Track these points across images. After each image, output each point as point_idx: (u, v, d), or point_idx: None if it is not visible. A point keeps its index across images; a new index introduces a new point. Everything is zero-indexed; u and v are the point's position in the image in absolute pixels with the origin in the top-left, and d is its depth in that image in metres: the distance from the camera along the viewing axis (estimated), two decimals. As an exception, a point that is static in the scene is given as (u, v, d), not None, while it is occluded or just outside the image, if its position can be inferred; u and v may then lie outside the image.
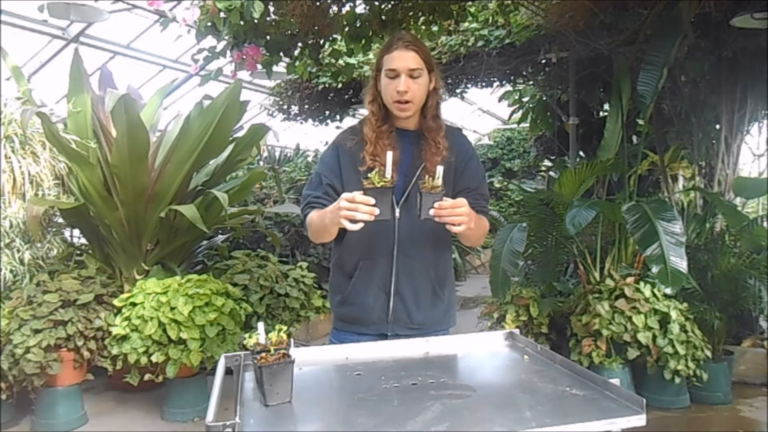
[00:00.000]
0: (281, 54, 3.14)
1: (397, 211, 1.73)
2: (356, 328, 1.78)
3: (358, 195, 1.47)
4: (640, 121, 4.61)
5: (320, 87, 6.38)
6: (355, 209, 1.46)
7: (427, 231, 1.76)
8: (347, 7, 3.22)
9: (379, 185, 1.48)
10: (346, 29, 3.23)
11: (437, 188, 1.49)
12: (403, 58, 1.66)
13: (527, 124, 6.64)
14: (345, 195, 1.49)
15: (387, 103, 1.72)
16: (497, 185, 10.56)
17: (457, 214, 1.51)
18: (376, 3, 3.25)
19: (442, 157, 1.72)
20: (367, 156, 1.70)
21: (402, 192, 1.73)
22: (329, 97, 6.83)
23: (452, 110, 10.42)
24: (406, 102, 1.68)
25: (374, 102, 1.74)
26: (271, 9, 2.83)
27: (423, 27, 3.47)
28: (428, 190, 1.49)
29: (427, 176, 1.55)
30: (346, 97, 6.92)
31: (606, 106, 5.46)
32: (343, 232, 1.69)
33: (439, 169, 1.50)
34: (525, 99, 6.33)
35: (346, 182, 1.73)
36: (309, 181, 1.83)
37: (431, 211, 1.49)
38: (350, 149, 1.75)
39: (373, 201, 1.46)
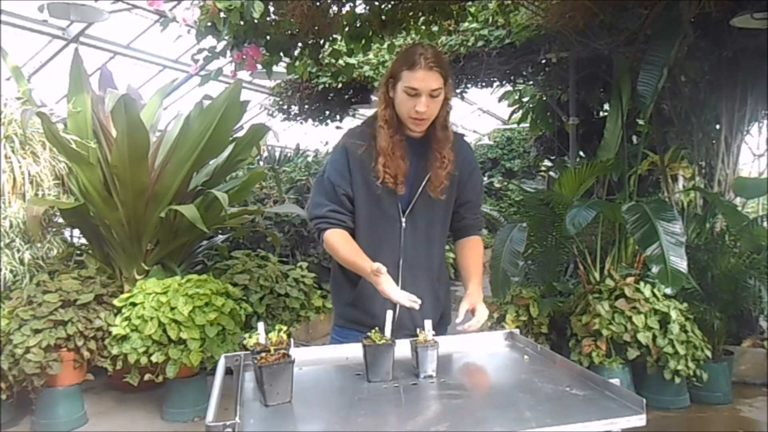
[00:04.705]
0: (281, 54, 3.14)
1: (403, 221, 1.74)
2: (359, 328, 1.79)
3: None
4: (640, 121, 4.61)
5: (320, 87, 6.38)
6: None
7: (431, 239, 1.79)
8: (347, 7, 3.21)
9: (379, 343, 1.42)
10: (346, 29, 3.23)
11: (431, 341, 1.44)
12: (427, 79, 1.62)
13: (527, 124, 6.64)
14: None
15: (401, 116, 1.70)
16: (497, 185, 10.56)
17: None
18: (376, 3, 3.24)
19: (447, 172, 1.73)
20: (380, 167, 1.69)
21: (408, 202, 1.74)
22: (329, 97, 6.84)
23: (453, 110, 10.39)
24: (423, 119, 1.68)
25: (387, 109, 1.71)
26: (271, 9, 2.83)
27: (423, 27, 3.46)
28: (423, 344, 1.43)
29: (419, 330, 1.47)
30: (346, 97, 6.92)
31: (606, 106, 5.45)
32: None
33: (428, 323, 1.48)
34: (525, 99, 6.33)
35: (355, 189, 1.73)
36: (319, 183, 1.79)
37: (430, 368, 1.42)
38: (360, 156, 1.73)
39: None
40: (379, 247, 1.72)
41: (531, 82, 6.06)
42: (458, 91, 6.46)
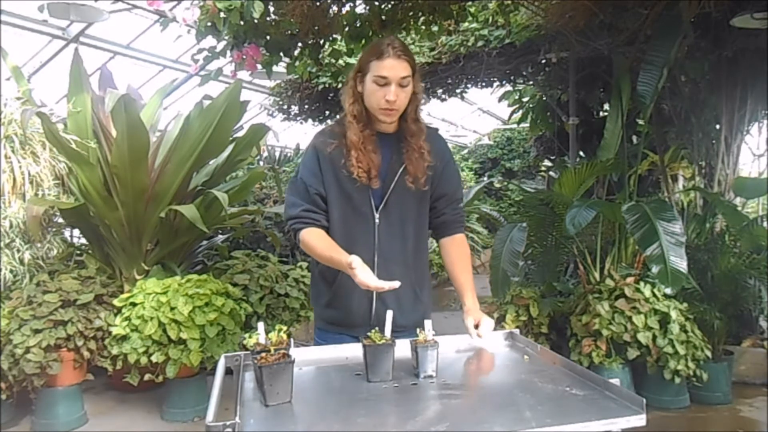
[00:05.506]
0: (281, 54, 3.14)
1: (377, 217, 1.73)
2: (339, 329, 1.80)
3: None
4: (640, 121, 4.61)
5: (320, 87, 6.37)
6: None
7: (406, 235, 1.77)
8: (347, 7, 3.22)
9: (379, 343, 1.41)
10: (346, 29, 3.23)
11: (431, 341, 1.42)
12: (395, 67, 1.64)
13: (527, 124, 6.64)
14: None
15: (370, 108, 1.70)
16: (497, 185, 10.56)
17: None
18: (376, 3, 3.25)
19: (427, 163, 1.73)
20: (353, 161, 1.68)
21: (381, 197, 1.73)
22: (329, 97, 6.83)
23: (452, 110, 10.42)
24: (393, 110, 1.68)
25: (355, 104, 1.71)
26: (271, 9, 2.83)
27: (423, 27, 3.46)
28: (423, 344, 1.41)
29: (419, 330, 1.45)
30: (346, 97, 6.91)
31: (606, 106, 5.46)
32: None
33: (428, 323, 1.46)
34: (525, 99, 6.33)
35: (327, 188, 1.73)
36: (293, 184, 1.78)
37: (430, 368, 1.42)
38: (330, 154, 1.72)
39: None
40: (354, 244, 1.69)
41: (531, 82, 6.06)
42: (458, 91, 6.46)
